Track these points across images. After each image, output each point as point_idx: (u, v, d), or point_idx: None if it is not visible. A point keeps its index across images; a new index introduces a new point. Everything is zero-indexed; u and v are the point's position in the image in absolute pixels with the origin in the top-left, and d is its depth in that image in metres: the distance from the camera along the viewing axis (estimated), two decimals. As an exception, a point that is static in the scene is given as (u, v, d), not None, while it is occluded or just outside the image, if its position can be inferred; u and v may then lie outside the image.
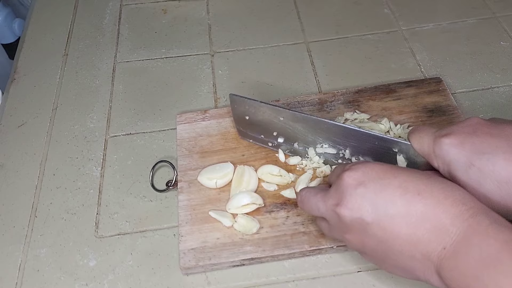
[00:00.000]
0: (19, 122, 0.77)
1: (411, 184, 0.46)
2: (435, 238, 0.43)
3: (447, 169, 0.49)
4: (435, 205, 0.44)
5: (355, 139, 0.60)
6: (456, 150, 0.48)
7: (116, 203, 0.66)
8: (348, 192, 0.47)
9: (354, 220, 0.47)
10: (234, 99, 0.65)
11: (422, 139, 0.52)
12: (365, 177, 0.47)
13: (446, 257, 0.42)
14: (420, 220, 0.44)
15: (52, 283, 0.59)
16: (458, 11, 0.89)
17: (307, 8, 0.92)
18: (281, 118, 0.63)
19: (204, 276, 0.59)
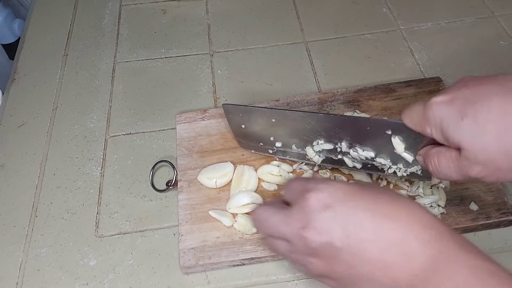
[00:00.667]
0: (19, 122, 0.77)
1: (379, 206, 0.44)
2: (405, 264, 0.41)
3: (439, 130, 0.47)
4: (404, 230, 0.42)
5: (347, 127, 0.58)
6: (447, 106, 0.46)
7: (116, 203, 0.66)
8: (315, 215, 0.44)
9: (322, 244, 0.44)
10: (228, 108, 0.64)
11: (413, 110, 0.50)
12: (332, 199, 0.44)
13: (415, 285, 0.41)
14: (390, 246, 0.42)
15: (53, 283, 0.59)
16: (456, 10, 0.89)
17: (306, 8, 0.92)
18: (273, 120, 0.62)
19: (204, 275, 0.59)
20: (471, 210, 0.60)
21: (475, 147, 0.44)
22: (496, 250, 0.59)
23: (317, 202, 0.45)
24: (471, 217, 0.59)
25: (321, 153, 0.63)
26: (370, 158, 0.59)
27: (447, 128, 0.46)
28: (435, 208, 0.60)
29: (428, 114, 0.47)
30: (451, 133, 0.45)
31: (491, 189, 0.62)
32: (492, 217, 0.59)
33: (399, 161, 0.57)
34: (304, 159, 0.65)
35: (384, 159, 0.58)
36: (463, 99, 0.45)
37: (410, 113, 0.50)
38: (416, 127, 0.50)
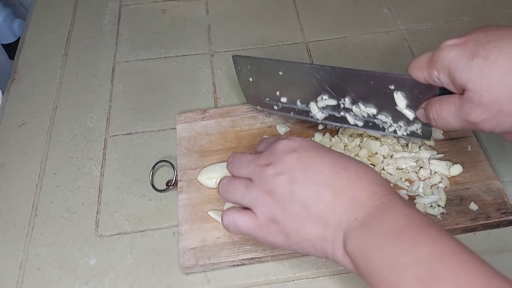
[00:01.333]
0: (19, 122, 0.77)
1: (340, 160, 0.48)
2: (350, 208, 0.45)
3: (447, 71, 0.48)
4: (356, 181, 0.47)
5: (352, 81, 0.59)
6: (458, 48, 0.47)
7: (116, 202, 0.66)
8: (283, 156, 0.49)
9: (283, 180, 0.48)
10: (237, 60, 0.67)
11: (420, 57, 0.52)
12: (301, 147, 0.49)
13: (356, 227, 0.44)
14: (341, 191, 0.46)
15: (53, 282, 0.59)
16: (456, 10, 0.89)
17: (306, 8, 0.93)
18: (280, 72, 0.63)
19: (203, 275, 0.59)
20: (471, 210, 0.60)
21: (481, 86, 0.46)
22: (496, 250, 0.59)
23: (285, 146, 0.50)
24: (471, 217, 0.59)
25: (324, 110, 0.64)
26: (372, 115, 0.61)
27: (455, 69, 0.47)
28: (435, 208, 0.60)
29: (438, 57, 0.49)
30: (459, 73, 0.47)
31: (491, 189, 0.62)
32: (492, 217, 0.59)
33: (400, 119, 0.59)
34: (307, 116, 0.65)
35: (385, 116, 0.60)
36: (476, 41, 0.46)
37: (417, 60, 0.52)
38: (422, 71, 0.51)
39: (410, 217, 0.43)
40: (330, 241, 0.46)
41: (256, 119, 0.71)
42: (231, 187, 0.52)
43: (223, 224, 0.52)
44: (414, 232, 0.42)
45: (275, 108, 0.68)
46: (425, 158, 0.64)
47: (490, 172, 0.63)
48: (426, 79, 0.51)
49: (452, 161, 0.64)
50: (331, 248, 0.46)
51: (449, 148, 0.66)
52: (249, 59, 0.66)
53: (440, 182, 0.62)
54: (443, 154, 0.65)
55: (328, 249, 0.46)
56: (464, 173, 0.63)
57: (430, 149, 0.65)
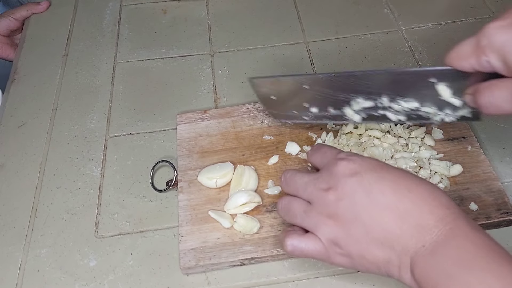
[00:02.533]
0: (19, 122, 0.77)
1: (403, 181, 0.47)
2: (417, 235, 0.44)
3: (501, 56, 0.45)
4: (422, 204, 0.45)
5: (386, 82, 0.56)
6: (507, 31, 0.45)
7: (116, 203, 0.66)
8: (343, 180, 0.48)
9: (345, 205, 0.47)
10: (254, 82, 0.63)
11: (461, 45, 0.49)
12: (361, 169, 0.48)
13: (423, 255, 0.43)
14: (406, 215, 0.45)
15: (53, 283, 0.59)
16: (457, 11, 0.89)
17: (306, 8, 0.92)
18: (305, 86, 0.60)
19: (204, 276, 0.59)
20: (471, 210, 0.60)
21: None
22: (496, 251, 0.59)
23: (347, 169, 0.48)
24: (471, 217, 0.59)
25: (361, 112, 0.61)
26: (415, 109, 0.57)
27: (509, 52, 0.44)
28: (435, 208, 0.60)
29: (485, 42, 0.46)
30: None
31: (491, 189, 0.62)
32: (492, 217, 0.59)
33: (446, 107, 0.55)
34: (343, 119, 0.62)
35: (429, 107, 0.56)
36: None
37: (458, 49, 0.49)
38: (468, 60, 0.48)
39: (479, 246, 0.42)
40: (396, 265, 0.45)
41: (256, 119, 0.71)
42: (291, 211, 0.52)
43: (286, 251, 0.51)
44: (484, 263, 0.41)
45: (306, 119, 0.65)
46: (425, 158, 0.64)
47: (490, 173, 0.63)
48: (474, 67, 0.48)
49: (452, 161, 0.64)
50: (397, 272, 0.45)
51: (449, 148, 0.66)
52: (267, 80, 0.62)
53: (440, 182, 0.62)
54: (443, 154, 0.65)
55: (394, 273, 0.46)
56: (464, 173, 0.63)
57: (430, 149, 0.65)
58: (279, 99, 0.64)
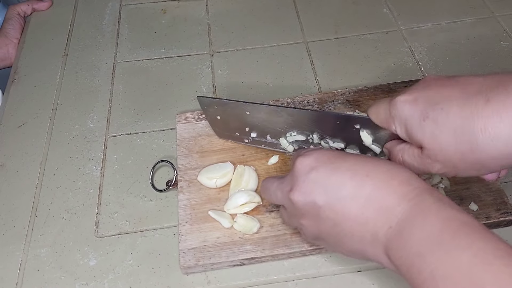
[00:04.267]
0: (19, 122, 0.77)
1: (359, 166, 0.47)
2: (382, 218, 0.44)
3: (404, 128, 0.49)
4: (382, 186, 0.45)
5: (318, 121, 0.60)
6: (410, 106, 0.48)
7: (116, 203, 0.66)
8: (301, 178, 0.48)
9: (307, 204, 0.48)
10: (202, 101, 0.66)
11: (378, 107, 0.52)
12: (317, 162, 0.48)
13: (392, 236, 0.43)
14: (368, 201, 0.45)
15: (53, 283, 0.59)
16: (457, 10, 0.89)
17: (306, 8, 0.92)
18: (247, 112, 0.63)
19: (204, 275, 0.59)
20: (471, 210, 0.60)
21: (435, 147, 0.47)
22: (496, 251, 0.59)
23: (304, 166, 0.49)
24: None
25: (294, 144, 0.65)
26: (340, 149, 0.61)
27: (410, 127, 0.48)
28: (435, 208, 0.60)
29: (393, 113, 0.50)
30: (414, 132, 0.48)
31: (491, 189, 0.62)
32: (492, 217, 0.59)
33: (368, 151, 0.59)
34: (278, 148, 0.66)
35: (353, 149, 0.60)
36: (425, 100, 0.47)
37: (376, 110, 0.53)
38: (382, 124, 0.52)
39: (445, 219, 0.41)
40: (371, 253, 0.46)
41: (256, 119, 0.71)
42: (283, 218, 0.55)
43: None
44: (451, 238, 0.40)
45: (245, 141, 0.67)
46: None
47: (490, 172, 0.63)
48: (386, 127, 0.52)
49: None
50: (375, 257, 0.46)
51: (449, 148, 0.66)
52: (215, 100, 0.65)
53: (440, 182, 0.62)
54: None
55: (372, 258, 0.46)
56: (464, 173, 0.63)
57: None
58: (223, 120, 0.66)
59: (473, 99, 0.44)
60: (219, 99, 0.65)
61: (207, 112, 0.67)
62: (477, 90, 0.45)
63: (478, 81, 0.46)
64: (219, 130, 0.68)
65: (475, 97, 0.44)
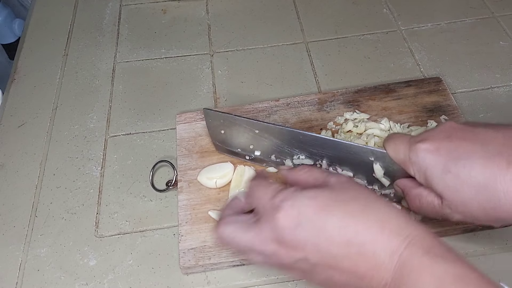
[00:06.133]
0: (19, 122, 0.77)
1: (348, 219, 0.44)
2: (376, 274, 0.42)
3: (423, 176, 0.50)
4: (373, 242, 0.43)
5: (331, 149, 0.60)
6: (432, 156, 0.48)
7: (116, 203, 0.66)
8: (287, 232, 0.45)
9: (298, 260, 0.45)
10: (208, 113, 0.64)
11: (398, 146, 0.52)
12: (303, 217, 0.44)
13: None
14: (361, 258, 0.43)
15: (52, 283, 0.59)
16: (456, 11, 0.89)
17: (306, 8, 0.93)
18: (256, 131, 0.62)
19: (204, 275, 0.59)
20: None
21: (456, 200, 0.47)
22: (496, 250, 0.59)
23: (287, 221, 0.45)
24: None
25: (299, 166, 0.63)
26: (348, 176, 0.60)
27: (431, 177, 0.49)
28: (435, 208, 0.60)
29: (413, 159, 0.50)
30: (436, 183, 0.48)
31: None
32: (492, 218, 0.59)
33: (375, 182, 0.60)
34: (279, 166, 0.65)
35: (361, 179, 0.61)
36: (447, 153, 0.48)
37: (395, 148, 0.53)
38: (400, 162, 0.52)
39: (437, 278, 0.40)
40: None
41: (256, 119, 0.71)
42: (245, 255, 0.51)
43: None
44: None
45: (246, 158, 0.66)
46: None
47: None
48: (403, 167, 0.52)
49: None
50: None
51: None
52: (222, 115, 0.63)
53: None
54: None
55: None
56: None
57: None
58: (227, 135, 0.65)
59: (495, 159, 0.46)
60: (228, 114, 0.63)
61: (211, 125, 0.65)
62: (498, 151, 0.46)
63: (498, 140, 0.47)
64: (220, 145, 0.67)
65: (497, 158, 0.46)
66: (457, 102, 0.72)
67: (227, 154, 0.67)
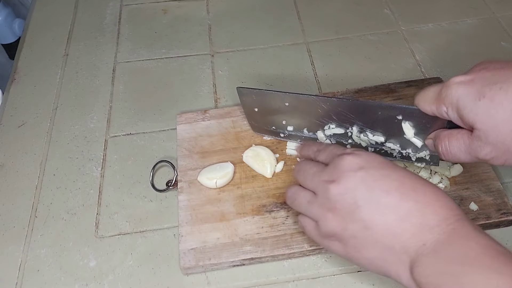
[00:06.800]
0: (19, 122, 0.77)
1: (408, 180, 0.47)
2: (418, 234, 0.44)
3: (455, 108, 0.49)
4: (426, 204, 0.45)
5: (359, 112, 0.59)
6: (466, 87, 0.48)
7: (116, 203, 0.66)
8: (348, 173, 0.48)
9: (345, 199, 0.47)
10: (241, 91, 0.65)
11: (428, 90, 0.52)
12: (367, 164, 0.48)
13: (424, 253, 0.43)
14: (409, 215, 0.45)
15: (52, 283, 0.59)
16: (457, 11, 0.89)
17: (307, 9, 0.92)
18: (286, 103, 0.63)
19: (204, 276, 0.59)
20: (471, 210, 0.60)
21: (488, 126, 0.46)
22: (497, 252, 0.59)
23: (352, 163, 0.48)
24: (471, 217, 0.59)
25: (332, 138, 0.64)
26: (380, 143, 0.61)
27: (463, 107, 0.48)
28: (435, 209, 0.60)
29: (446, 93, 0.49)
30: (467, 112, 0.47)
31: (491, 189, 0.62)
32: (492, 217, 0.59)
33: (408, 146, 0.59)
34: None
35: (393, 144, 0.60)
36: (483, 80, 0.47)
37: (425, 93, 0.52)
38: (430, 106, 0.51)
39: (483, 246, 0.42)
40: (393, 264, 0.45)
41: (256, 119, 0.71)
42: (296, 200, 0.53)
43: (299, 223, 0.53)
44: (487, 262, 0.40)
45: (281, 136, 0.68)
46: (425, 158, 0.64)
47: (490, 173, 0.63)
48: (434, 113, 0.52)
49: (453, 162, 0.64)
50: (394, 271, 0.45)
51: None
52: (254, 91, 0.65)
53: (440, 182, 0.62)
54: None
55: (391, 272, 0.46)
56: (464, 173, 0.63)
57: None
58: (260, 112, 0.66)
59: None
60: (259, 89, 0.65)
61: (245, 103, 0.67)
62: None
63: None
64: (256, 124, 0.68)
65: None
66: (458, 103, 0.72)
67: (263, 133, 0.69)
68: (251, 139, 0.69)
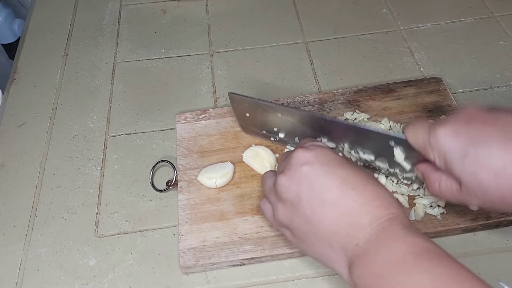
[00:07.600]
0: (19, 122, 0.77)
1: (351, 178, 0.47)
2: (352, 233, 0.45)
3: (443, 160, 0.49)
4: (363, 204, 0.46)
5: (352, 134, 0.60)
6: (451, 140, 0.48)
7: (116, 203, 0.66)
8: (294, 166, 0.49)
9: (290, 192, 0.49)
10: (233, 98, 0.65)
11: (417, 131, 0.52)
12: (315, 159, 0.49)
13: (357, 253, 0.44)
14: (345, 213, 0.46)
15: (52, 282, 0.59)
16: (456, 10, 0.89)
17: (306, 8, 0.93)
18: (279, 114, 0.63)
19: (203, 275, 0.59)
20: (471, 210, 0.60)
21: (474, 185, 0.47)
22: (496, 250, 0.59)
23: (301, 157, 0.49)
24: (471, 217, 0.59)
25: None
26: (370, 161, 0.61)
27: (450, 162, 0.48)
28: (435, 208, 0.60)
29: (433, 144, 0.50)
30: (454, 167, 0.48)
31: (490, 189, 0.62)
32: (492, 217, 0.59)
33: (396, 166, 0.59)
34: None
35: (382, 162, 0.60)
36: (467, 136, 0.48)
37: (414, 133, 0.53)
38: (419, 148, 0.52)
39: (410, 245, 0.42)
40: (335, 262, 0.46)
41: (256, 119, 0.71)
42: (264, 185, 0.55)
43: None
44: (414, 263, 0.41)
45: (271, 140, 0.68)
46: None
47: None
48: (422, 152, 0.52)
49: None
50: (337, 268, 0.46)
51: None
52: (246, 99, 0.64)
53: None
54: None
55: (335, 268, 0.47)
56: (463, 173, 0.63)
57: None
58: (251, 117, 0.66)
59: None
60: (252, 98, 0.64)
61: (237, 108, 0.67)
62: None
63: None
64: (246, 126, 0.69)
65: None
66: (457, 102, 0.72)
67: (253, 135, 0.69)
68: (251, 139, 0.69)
